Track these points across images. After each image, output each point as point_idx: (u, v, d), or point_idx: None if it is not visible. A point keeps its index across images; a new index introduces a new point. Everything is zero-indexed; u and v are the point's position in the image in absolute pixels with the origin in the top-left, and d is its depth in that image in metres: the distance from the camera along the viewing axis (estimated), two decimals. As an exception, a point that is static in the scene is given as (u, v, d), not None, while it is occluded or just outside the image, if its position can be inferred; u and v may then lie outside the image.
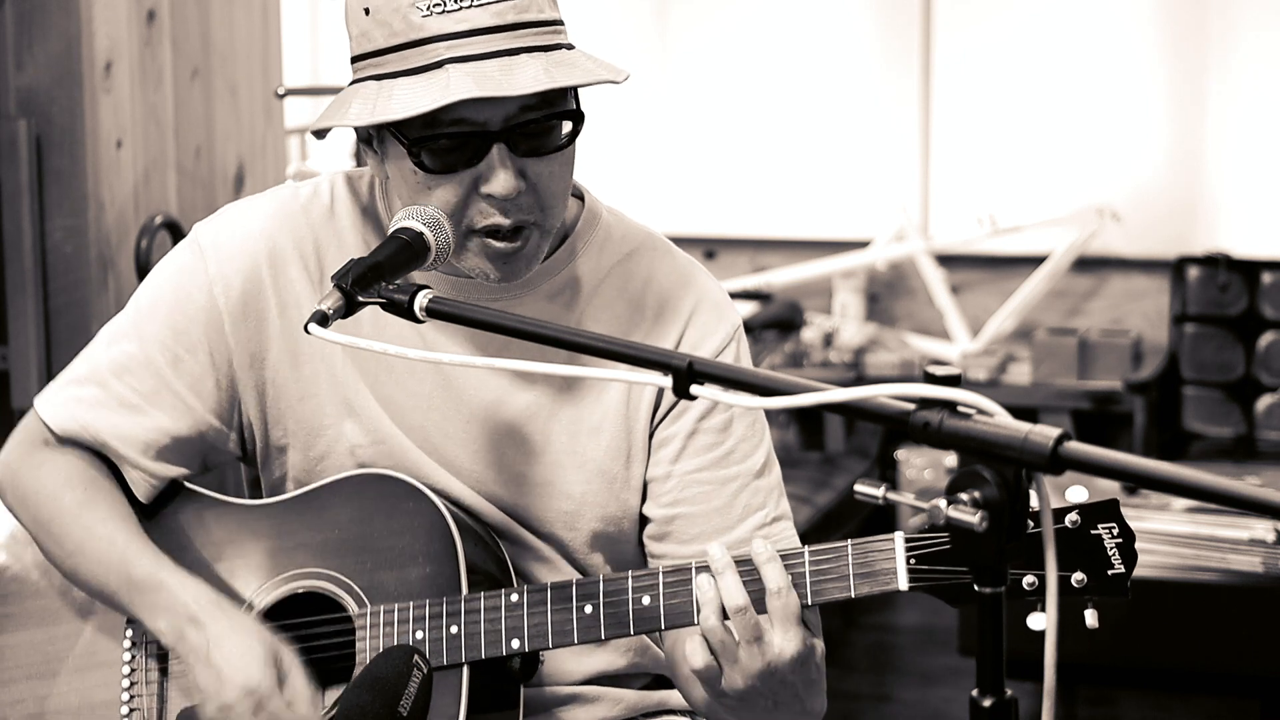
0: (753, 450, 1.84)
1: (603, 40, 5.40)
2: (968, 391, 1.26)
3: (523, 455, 1.82)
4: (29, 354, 3.34)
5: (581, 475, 1.82)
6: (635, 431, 1.83)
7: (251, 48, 3.83)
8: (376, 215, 1.84)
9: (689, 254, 1.92)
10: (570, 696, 1.87)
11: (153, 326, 1.84)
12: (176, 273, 1.85)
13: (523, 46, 1.65)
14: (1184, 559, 3.31)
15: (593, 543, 1.85)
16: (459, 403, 1.82)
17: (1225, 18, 5.12)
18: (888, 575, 1.62)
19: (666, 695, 1.95)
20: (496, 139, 1.66)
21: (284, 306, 1.83)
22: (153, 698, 1.82)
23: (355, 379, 1.83)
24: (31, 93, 3.33)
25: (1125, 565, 1.62)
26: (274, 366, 1.84)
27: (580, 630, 1.70)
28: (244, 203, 1.90)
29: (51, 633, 1.88)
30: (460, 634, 1.72)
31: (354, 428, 1.83)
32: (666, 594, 1.67)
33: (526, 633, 1.71)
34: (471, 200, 1.68)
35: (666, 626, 1.69)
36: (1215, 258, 4.91)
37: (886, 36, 5.42)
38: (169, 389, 1.83)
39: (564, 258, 1.83)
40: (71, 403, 1.86)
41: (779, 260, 5.55)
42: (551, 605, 1.70)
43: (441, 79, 1.63)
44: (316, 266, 1.83)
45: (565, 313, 1.82)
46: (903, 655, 4.74)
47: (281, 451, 1.87)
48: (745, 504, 1.82)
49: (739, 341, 1.86)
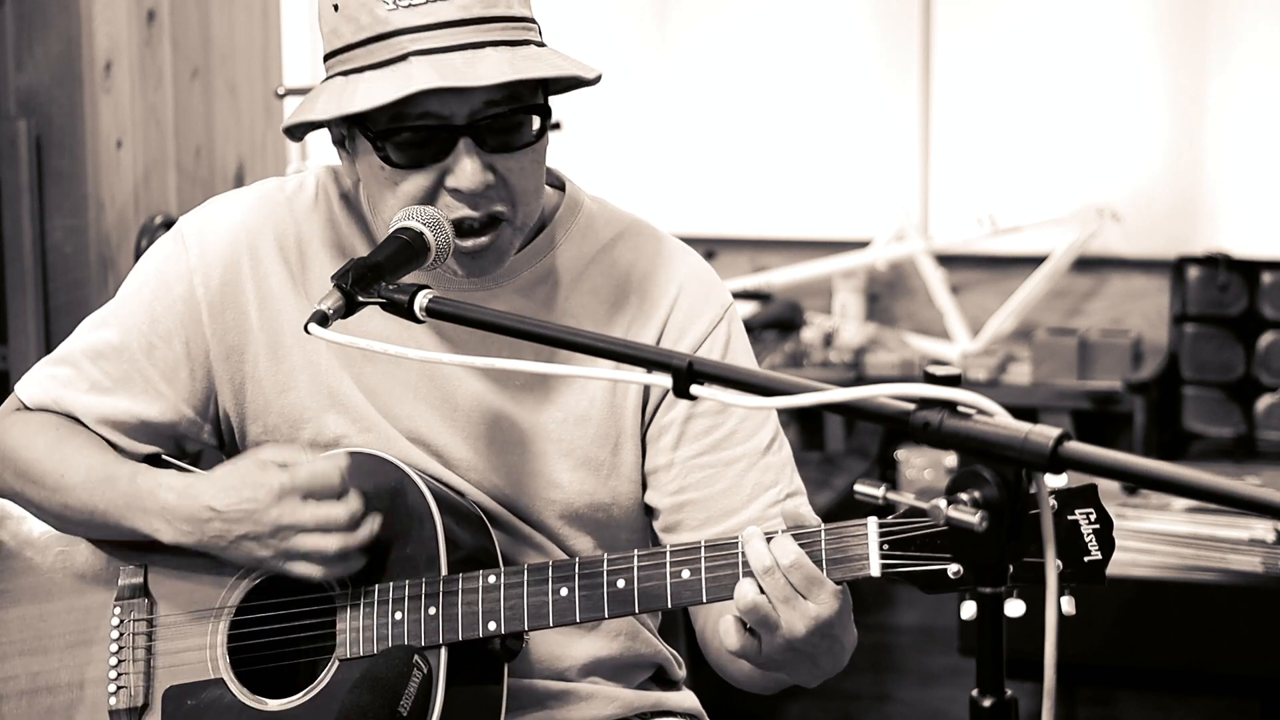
0: (757, 429, 1.83)
1: (603, 40, 5.40)
2: (968, 391, 1.26)
3: (510, 445, 1.82)
4: (29, 354, 3.34)
5: (569, 463, 1.82)
6: (623, 419, 1.83)
7: (251, 48, 3.84)
8: (359, 209, 1.85)
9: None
10: (563, 693, 1.87)
11: (131, 313, 1.86)
12: (159, 261, 1.87)
13: (488, 40, 1.65)
14: (1184, 559, 3.31)
15: (582, 529, 1.85)
16: (445, 392, 1.82)
17: (1225, 18, 5.12)
18: (860, 561, 1.59)
19: (663, 695, 1.95)
20: (462, 133, 1.66)
21: (263, 298, 1.83)
22: (140, 675, 1.83)
23: (338, 369, 1.83)
24: (31, 93, 3.33)
25: (1103, 552, 1.57)
26: (253, 360, 1.84)
27: (555, 613, 1.69)
28: (229, 195, 1.91)
29: (44, 609, 1.89)
30: (438, 615, 1.72)
31: (338, 419, 1.83)
32: (640, 576, 1.66)
33: (503, 615, 1.70)
34: (439, 195, 1.69)
35: (640, 610, 1.68)
36: (1215, 258, 4.91)
37: (886, 36, 5.42)
38: (141, 375, 1.85)
39: (543, 247, 1.83)
40: (45, 380, 1.89)
41: (779, 260, 5.55)
42: (528, 587, 1.70)
43: (404, 71, 1.63)
44: (298, 259, 1.84)
45: (545, 304, 1.82)
46: (903, 655, 4.74)
47: (260, 449, 1.86)
48: (755, 483, 1.82)
49: (730, 322, 1.85)
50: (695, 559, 1.65)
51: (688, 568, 1.65)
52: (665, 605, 1.67)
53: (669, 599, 1.66)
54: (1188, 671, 3.40)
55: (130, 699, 1.82)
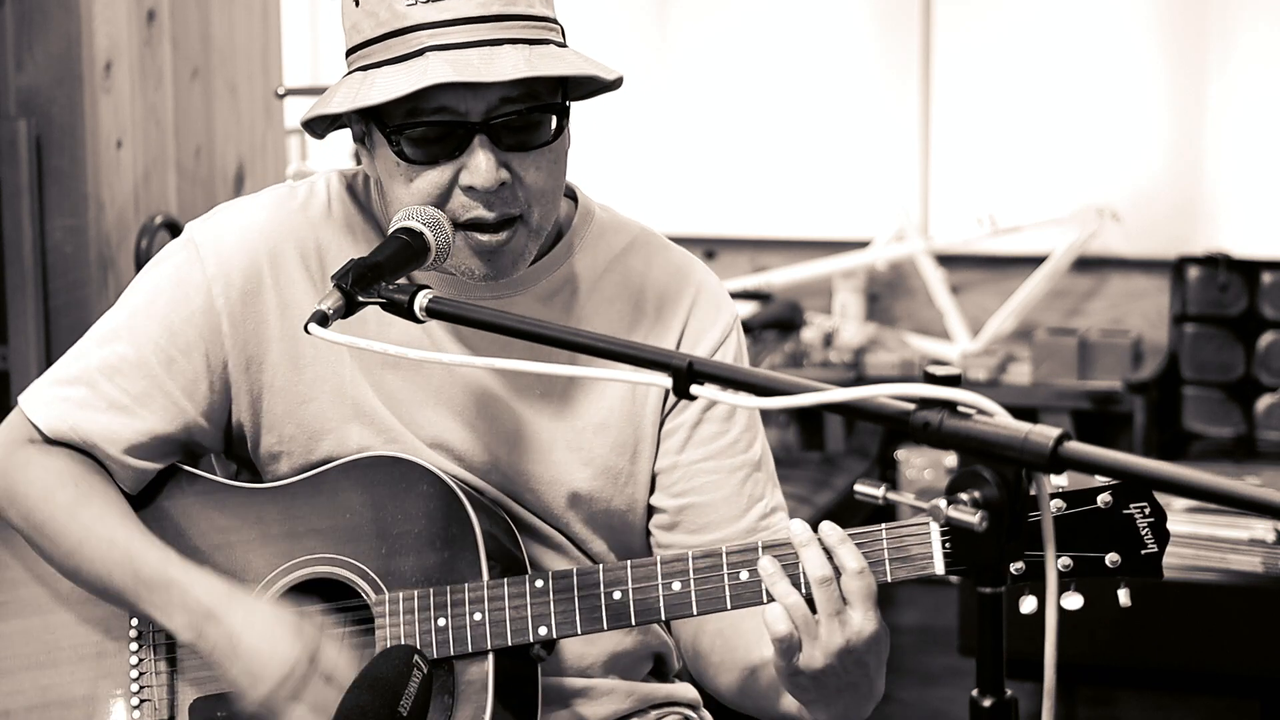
0: (753, 441, 1.86)
1: (603, 40, 5.40)
2: (968, 391, 1.26)
3: (529, 453, 1.82)
4: (29, 354, 3.34)
5: (588, 473, 1.82)
6: (642, 427, 1.83)
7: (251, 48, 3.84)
8: (373, 214, 1.83)
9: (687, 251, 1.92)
10: (584, 689, 1.87)
11: (147, 327, 1.80)
12: (173, 271, 1.82)
13: (507, 38, 1.64)
14: (1184, 559, 3.31)
15: (600, 533, 1.85)
16: (465, 399, 1.81)
17: (1225, 18, 5.12)
18: (924, 559, 1.61)
19: (674, 688, 1.95)
20: (478, 130, 1.65)
21: (285, 307, 1.80)
22: (163, 689, 1.80)
23: (360, 380, 1.81)
24: (31, 93, 3.33)
25: (1158, 545, 1.60)
26: (273, 370, 1.81)
27: (610, 617, 1.68)
28: (240, 202, 1.87)
29: (49, 620, 1.85)
30: (484, 620, 1.70)
31: (361, 430, 1.80)
32: (697, 579, 1.66)
33: (554, 619, 1.69)
34: (454, 193, 1.67)
35: (699, 612, 1.67)
36: (1215, 258, 4.91)
37: (886, 36, 5.42)
38: (161, 390, 1.80)
39: (561, 255, 1.82)
40: (59, 402, 1.82)
41: (779, 260, 5.55)
42: (579, 591, 1.69)
43: (421, 65, 1.62)
44: (318, 266, 1.81)
45: (564, 311, 1.81)
46: (903, 655, 4.74)
47: (274, 459, 1.84)
48: (750, 494, 1.83)
49: (737, 332, 1.87)
50: (752, 560, 1.64)
51: (746, 569, 1.65)
52: (725, 607, 1.66)
53: (728, 600, 1.66)
54: (1188, 671, 3.40)
55: (155, 712, 1.79)
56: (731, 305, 1.88)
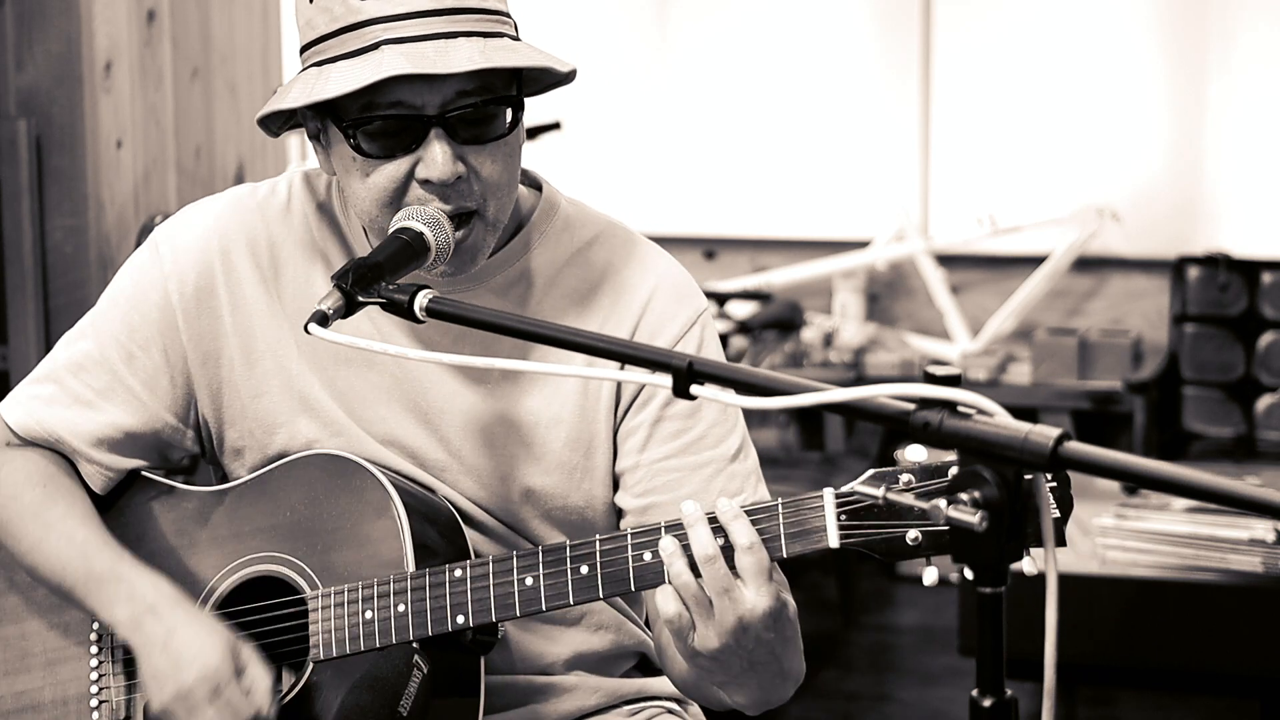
0: (726, 435, 1.82)
1: (603, 40, 5.41)
2: (968, 391, 1.26)
3: (483, 447, 1.82)
4: (29, 354, 3.34)
5: (541, 467, 1.82)
6: (596, 422, 1.82)
7: (251, 48, 3.84)
8: (332, 213, 1.85)
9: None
10: (546, 686, 1.87)
11: (109, 324, 1.87)
12: (134, 271, 1.88)
13: (461, 31, 1.65)
14: (1184, 559, 3.31)
15: (559, 529, 1.84)
16: (417, 395, 1.82)
17: (1225, 18, 5.12)
18: (818, 534, 1.57)
19: (647, 682, 1.95)
20: (434, 123, 1.66)
21: (235, 303, 1.84)
22: (120, 690, 1.84)
23: (308, 374, 1.83)
24: (31, 93, 3.33)
25: (1062, 512, 1.53)
26: (229, 365, 1.85)
27: (521, 602, 1.68)
28: (201, 202, 1.91)
29: (24, 628, 1.90)
30: (407, 612, 1.71)
31: (309, 424, 1.83)
32: (604, 562, 1.64)
33: (470, 607, 1.69)
34: (410, 187, 1.68)
35: (605, 594, 1.66)
36: (1215, 258, 4.91)
37: (886, 36, 5.42)
38: (123, 385, 1.86)
39: (518, 249, 1.82)
40: (29, 400, 1.89)
41: (779, 260, 5.55)
42: (494, 579, 1.69)
43: (375, 59, 1.63)
44: (270, 263, 1.84)
45: (519, 305, 1.81)
46: (903, 655, 4.74)
47: (238, 454, 1.87)
48: (721, 489, 1.80)
49: (703, 328, 1.84)
50: (655, 540, 1.63)
51: (649, 550, 1.63)
52: (629, 588, 1.65)
53: (632, 582, 1.64)
54: (1188, 671, 3.40)
55: (113, 713, 1.83)
56: (697, 301, 1.85)
